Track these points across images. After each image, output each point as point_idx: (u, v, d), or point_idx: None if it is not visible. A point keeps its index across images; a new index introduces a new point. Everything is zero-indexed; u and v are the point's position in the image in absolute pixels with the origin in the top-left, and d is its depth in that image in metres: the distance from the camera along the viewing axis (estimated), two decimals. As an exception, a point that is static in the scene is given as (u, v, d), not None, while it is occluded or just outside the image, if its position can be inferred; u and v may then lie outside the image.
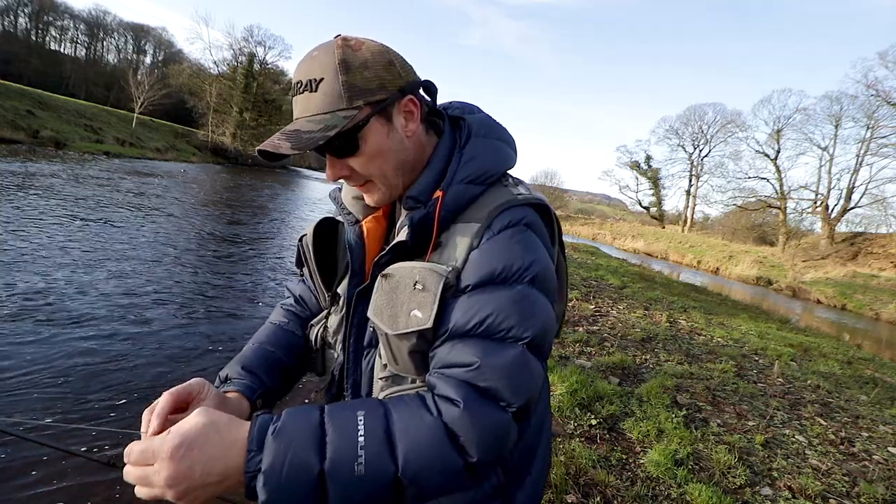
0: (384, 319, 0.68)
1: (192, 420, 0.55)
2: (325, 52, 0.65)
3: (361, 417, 0.57)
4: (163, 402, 0.63)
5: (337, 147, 0.67)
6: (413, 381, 0.70)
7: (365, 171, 0.70)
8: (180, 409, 0.66)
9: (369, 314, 0.71)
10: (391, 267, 0.69)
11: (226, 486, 0.53)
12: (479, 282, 0.64)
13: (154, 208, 10.36)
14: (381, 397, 0.72)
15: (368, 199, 0.76)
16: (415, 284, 0.66)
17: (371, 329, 0.76)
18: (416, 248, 0.69)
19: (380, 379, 0.74)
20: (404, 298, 0.66)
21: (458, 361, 0.62)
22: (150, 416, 0.61)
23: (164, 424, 0.60)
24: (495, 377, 0.60)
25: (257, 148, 0.67)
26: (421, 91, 0.74)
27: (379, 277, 0.70)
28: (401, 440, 0.56)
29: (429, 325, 0.64)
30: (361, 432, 0.56)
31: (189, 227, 9.09)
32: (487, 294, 0.63)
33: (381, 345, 0.73)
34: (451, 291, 0.65)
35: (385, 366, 0.72)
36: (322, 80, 0.64)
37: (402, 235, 0.69)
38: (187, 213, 10.72)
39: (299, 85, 0.66)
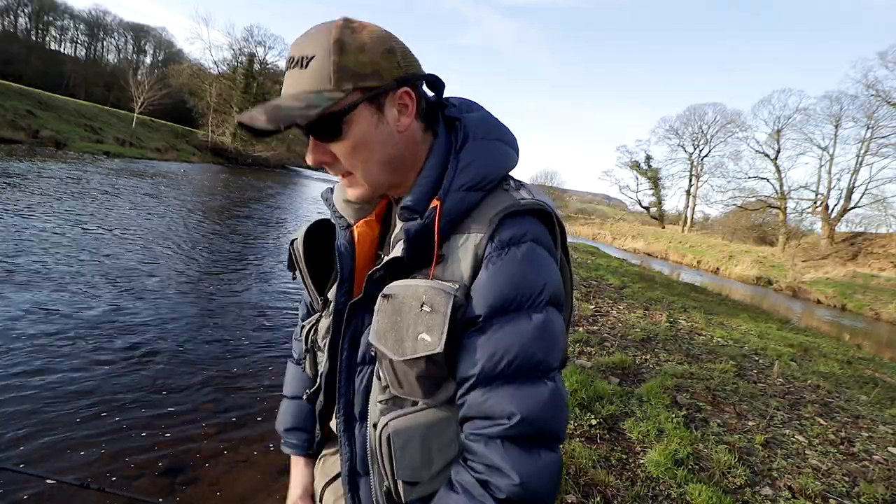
0: (388, 345, 0.64)
1: None
2: (322, 29, 0.62)
3: None
4: None
5: (319, 129, 0.64)
6: (415, 404, 0.66)
7: (347, 162, 0.66)
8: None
9: (371, 339, 0.66)
10: (393, 286, 0.65)
11: None
12: (493, 312, 0.61)
13: (152, 208, 10.36)
14: (380, 422, 0.68)
15: (349, 193, 0.72)
16: (422, 306, 0.61)
17: (365, 345, 0.72)
18: (412, 263, 0.65)
19: (379, 402, 0.70)
20: (410, 321, 0.62)
21: (498, 412, 0.59)
22: None
23: None
24: (539, 421, 0.59)
25: (237, 118, 0.62)
26: (424, 87, 0.70)
27: (380, 298, 0.66)
28: None
29: (439, 349, 0.60)
30: None
31: (187, 228, 9.09)
32: (508, 327, 0.61)
33: (382, 368, 0.68)
34: (460, 311, 0.61)
35: (385, 388, 0.68)
36: (313, 57, 0.61)
37: (397, 251, 0.65)
38: (187, 213, 10.72)
39: (291, 61, 0.63)
